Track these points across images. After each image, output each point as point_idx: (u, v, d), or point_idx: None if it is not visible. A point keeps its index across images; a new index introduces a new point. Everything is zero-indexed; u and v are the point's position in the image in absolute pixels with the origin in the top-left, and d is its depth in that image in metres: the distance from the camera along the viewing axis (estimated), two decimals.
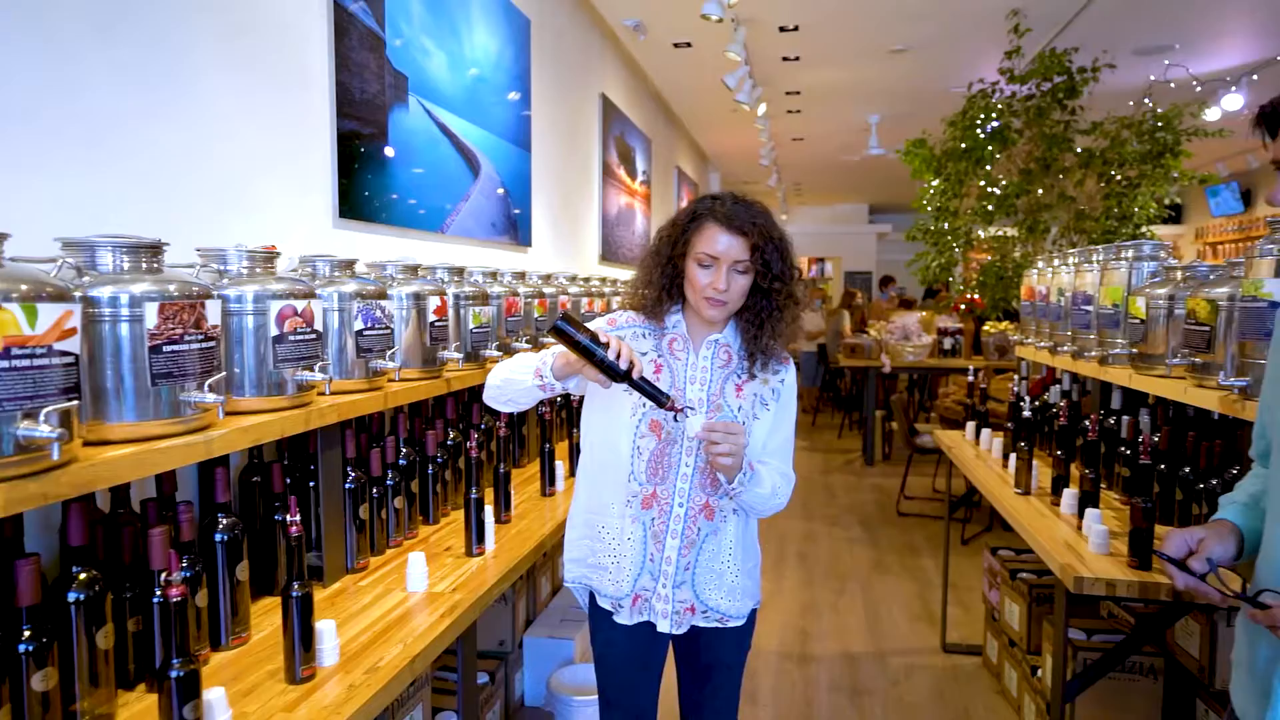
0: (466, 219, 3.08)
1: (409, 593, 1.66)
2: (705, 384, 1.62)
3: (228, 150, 1.86)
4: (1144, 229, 5.36)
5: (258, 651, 1.43)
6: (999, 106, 5.37)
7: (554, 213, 4.24)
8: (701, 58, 5.66)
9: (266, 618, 1.56)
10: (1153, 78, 5.86)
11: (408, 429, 2.09)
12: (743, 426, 1.51)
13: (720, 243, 1.54)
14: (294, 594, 1.27)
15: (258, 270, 1.57)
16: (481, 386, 2.66)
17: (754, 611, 1.72)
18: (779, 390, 1.66)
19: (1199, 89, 5.76)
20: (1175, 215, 11.45)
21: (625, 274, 5.75)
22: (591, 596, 1.69)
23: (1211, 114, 5.76)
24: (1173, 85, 5.83)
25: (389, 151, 2.52)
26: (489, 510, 1.95)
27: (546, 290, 3.04)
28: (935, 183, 6.28)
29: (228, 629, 1.43)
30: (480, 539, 1.89)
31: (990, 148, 5.42)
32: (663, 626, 1.61)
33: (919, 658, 3.49)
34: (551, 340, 1.51)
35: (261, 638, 1.48)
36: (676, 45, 5.38)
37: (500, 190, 3.42)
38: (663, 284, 1.62)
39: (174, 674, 1.06)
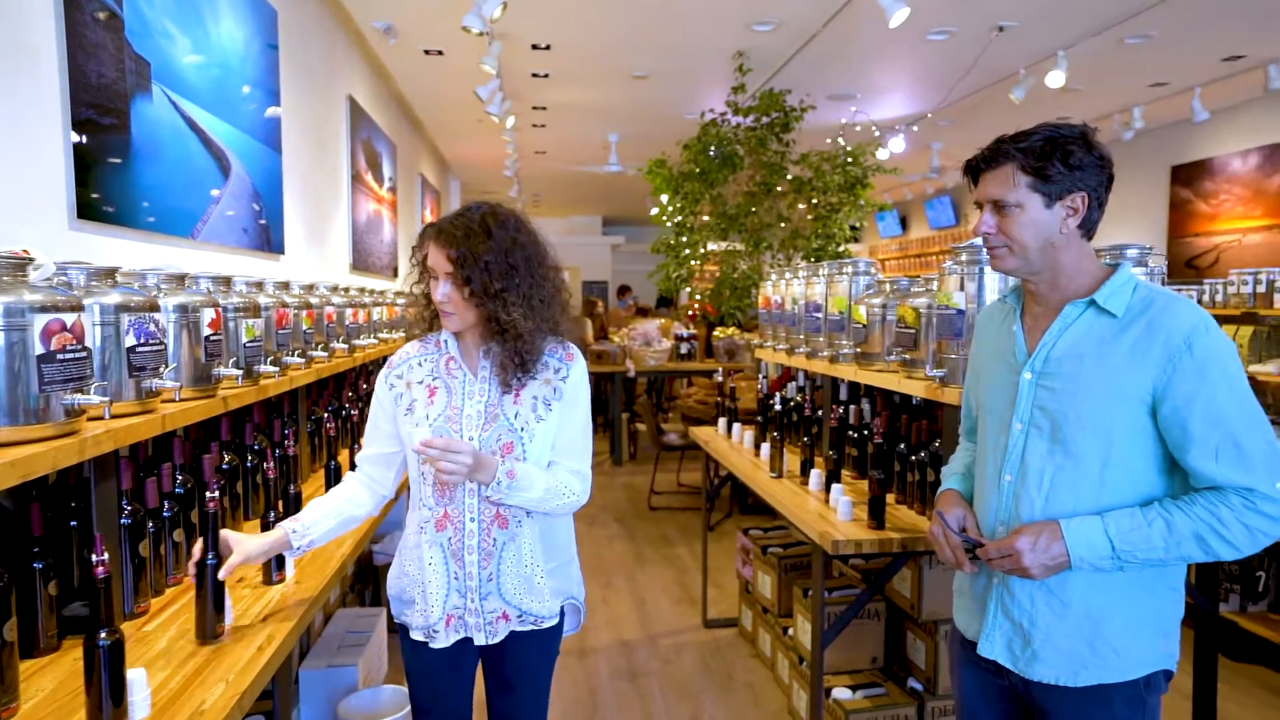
0: (218, 223, 2.81)
1: None
2: (484, 395, 1.65)
3: None
4: (842, 247, 6.32)
5: None
6: (727, 135, 6.01)
7: (306, 219, 3.98)
8: (452, 66, 5.63)
9: (31, 682, 1.35)
10: (844, 120, 6.91)
11: (182, 454, 1.89)
12: (468, 444, 1.52)
13: (435, 257, 1.60)
14: (101, 643, 1.14)
15: (5, 279, 1.36)
16: (255, 406, 2.47)
17: (563, 610, 1.75)
18: (561, 389, 1.67)
19: (877, 133, 6.90)
20: (856, 236, 13.53)
21: (378, 284, 5.52)
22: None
23: (882, 154, 6.92)
24: (858, 128, 6.92)
25: (132, 145, 2.25)
26: None
27: (312, 300, 2.89)
28: (665, 199, 6.82)
29: None
30: (280, 565, 1.78)
31: (723, 171, 6.04)
32: (479, 639, 1.64)
33: (685, 636, 3.82)
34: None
35: (33, 705, 1.28)
36: (428, 52, 5.30)
37: (252, 193, 3.16)
38: (425, 302, 1.68)
39: None
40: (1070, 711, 1.43)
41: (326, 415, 2.79)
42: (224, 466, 2.08)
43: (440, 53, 5.33)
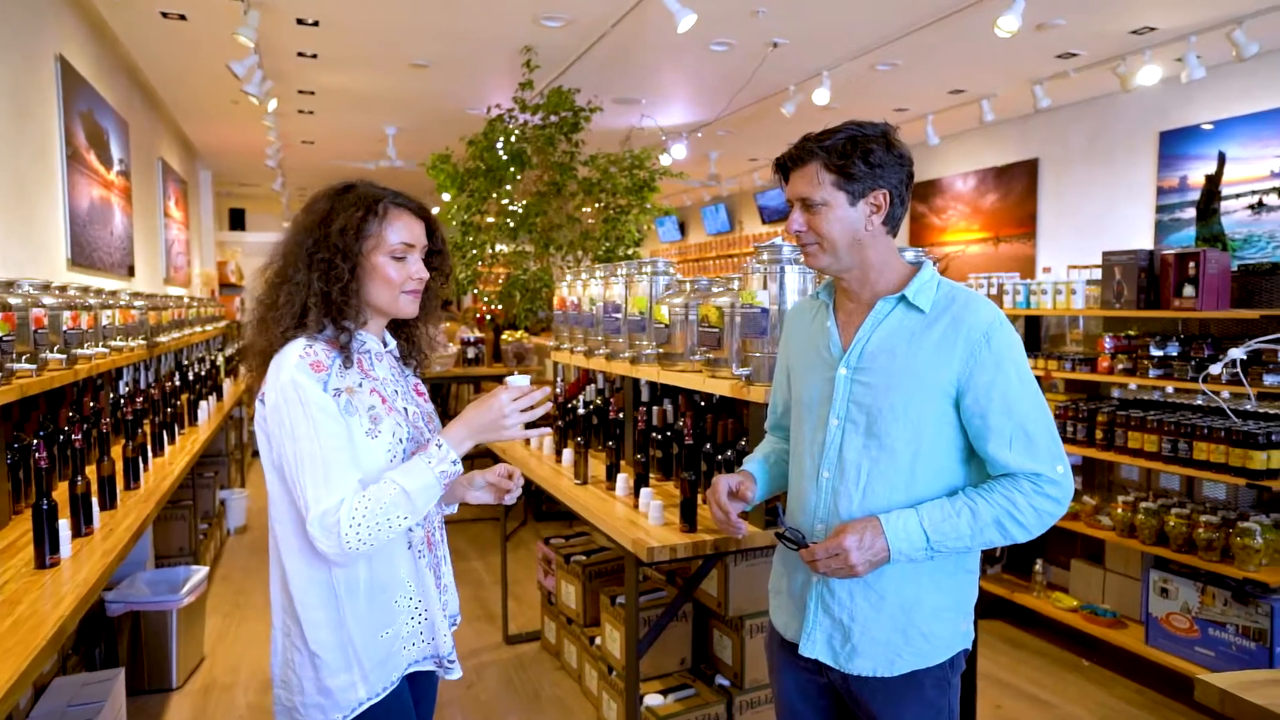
0: None
1: None
2: (405, 396, 1.51)
3: None
4: (631, 250, 6.37)
5: None
6: (515, 132, 5.82)
7: (4, 201, 3.26)
8: (198, 35, 4.93)
9: None
10: (632, 124, 7.00)
11: None
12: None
13: (414, 230, 1.46)
14: None
15: None
16: None
17: None
18: (419, 381, 1.66)
19: (665, 139, 7.07)
20: (639, 239, 13.90)
21: (109, 283, 4.71)
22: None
23: (665, 159, 7.11)
24: (646, 132, 7.05)
25: None
26: None
27: (12, 300, 2.36)
28: (447, 197, 6.50)
29: None
30: None
31: (511, 169, 5.85)
32: (445, 648, 1.51)
33: (486, 655, 3.60)
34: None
35: None
36: (166, 15, 4.58)
37: None
38: (354, 289, 1.40)
39: None
40: (887, 701, 1.46)
41: (36, 442, 2.26)
42: None
43: (182, 17, 4.64)
